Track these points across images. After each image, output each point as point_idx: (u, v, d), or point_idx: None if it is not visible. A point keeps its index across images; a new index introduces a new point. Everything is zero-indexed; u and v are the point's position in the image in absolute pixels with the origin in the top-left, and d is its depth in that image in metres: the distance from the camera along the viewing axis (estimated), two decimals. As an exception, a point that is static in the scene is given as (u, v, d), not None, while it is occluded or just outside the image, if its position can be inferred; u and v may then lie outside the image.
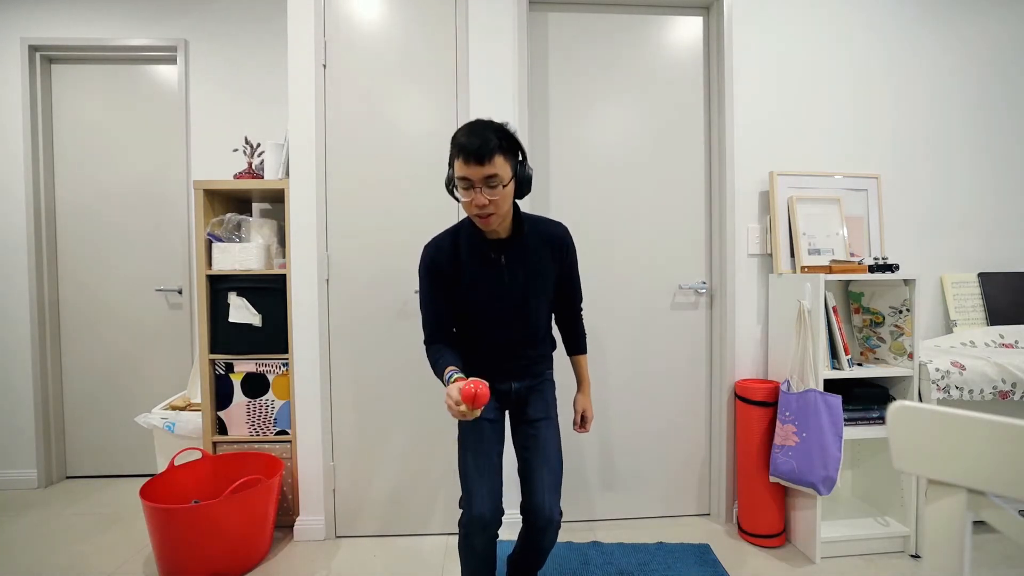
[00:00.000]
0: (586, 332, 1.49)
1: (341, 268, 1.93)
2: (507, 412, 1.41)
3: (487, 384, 1.07)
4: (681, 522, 2.06)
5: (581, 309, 1.47)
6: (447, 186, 1.24)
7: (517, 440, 1.38)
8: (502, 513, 1.25)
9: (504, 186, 1.16)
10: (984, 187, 2.19)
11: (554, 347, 1.44)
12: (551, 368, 1.44)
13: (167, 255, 2.49)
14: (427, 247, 1.31)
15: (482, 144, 1.11)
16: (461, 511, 1.27)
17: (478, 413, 1.09)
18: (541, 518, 1.23)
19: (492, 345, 1.33)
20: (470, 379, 1.09)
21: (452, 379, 1.14)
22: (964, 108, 2.17)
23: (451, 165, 1.19)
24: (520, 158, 1.22)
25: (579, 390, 1.47)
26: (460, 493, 1.30)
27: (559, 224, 1.36)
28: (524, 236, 1.28)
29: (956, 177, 2.17)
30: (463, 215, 1.54)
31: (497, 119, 1.20)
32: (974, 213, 2.18)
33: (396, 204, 1.93)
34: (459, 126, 1.90)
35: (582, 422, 1.45)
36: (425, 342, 1.32)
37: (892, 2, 2.11)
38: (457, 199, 1.21)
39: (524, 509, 1.28)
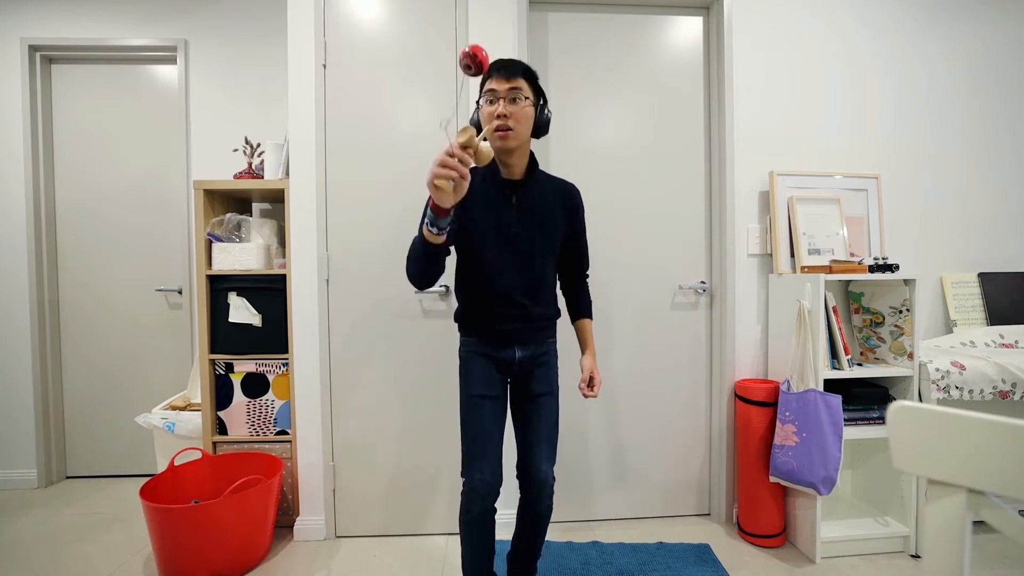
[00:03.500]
0: (591, 299, 1.51)
1: (341, 268, 1.93)
2: (508, 382, 1.40)
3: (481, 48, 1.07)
4: (681, 522, 2.06)
5: (587, 275, 1.51)
6: (475, 126, 1.29)
7: (518, 413, 1.39)
8: (501, 482, 1.30)
9: (526, 99, 1.24)
10: (984, 187, 2.19)
11: (558, 315, 1.43)
12: (554, 337, 1.44)
13: (167, 255, 2.49)
14: None
15: (510, 63, 1.25)
16: (463, 481, 1.30)
17: (488, 155, 1.02)
18: (536, 480, 1.32)
19: (496, 295, 1.31)
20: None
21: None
22: (963, 108, 2.17)
23: (477, 103, 1.29)
24: (541, 100, 1.31)
25: (584, 353, 1.46)
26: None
27: (571, 183, 1.42)
28: (537, 181, 1.34)
29: (956, 177, 2.17)
30: None
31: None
32: (974, 213, 2.18)
33: (396, 204, 1.93)
34: (459, 125, 1.91)
35: (590, 383, 1.40)
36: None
37: (891, 3, 2.11)
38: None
39: (521, 472, 1.36)
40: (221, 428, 1.99)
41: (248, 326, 1.97)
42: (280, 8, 2.05)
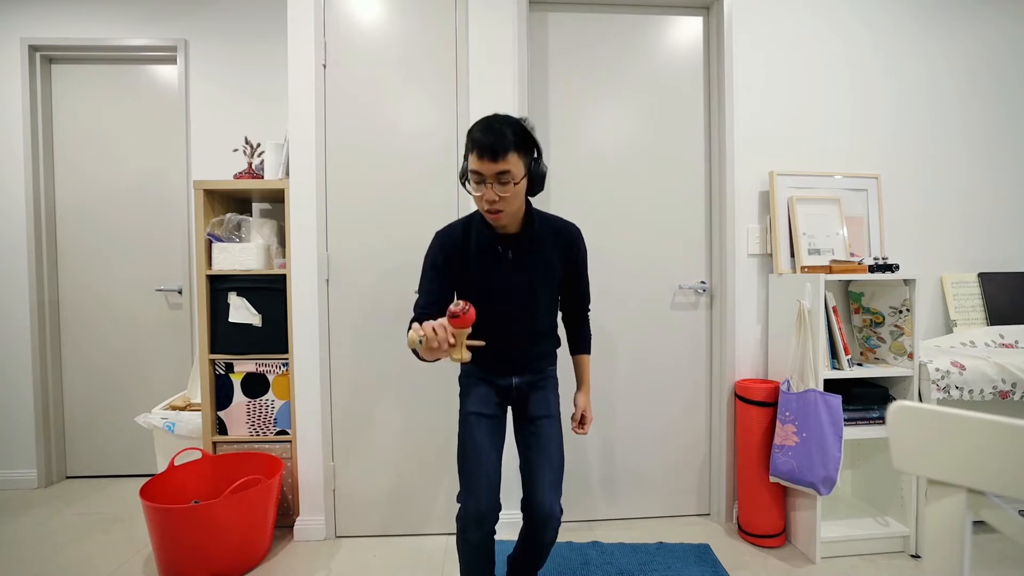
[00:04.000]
0: (591, 334, 1.49)
1: (341, 268, 1.93)
2: (509, 409, 1.41)
3: (472, 309, 1.03)
4: (681, 522, 2.06)
5: (588, 311, 1.48)
6: (460, 179, 1.25)
7: (519, 437, 1.38)
8: (499, 508, 1.26)
9: (516, 183, 1.15)
10: (984, 187, 2.19)
11: (558, 345, 1.43)
12: (554, 365, 1.44)
13: (167, 255, 2.49)
14: (438, 233, 1.32)
15: (496, 140, 1.11)
16: (459, 505, 1.28)
17: (464, 356, 1.05)
18: (541, 514, 1.24)
19: (494, 340, 1.30)
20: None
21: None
22: (964, 108, 2.17)
23: (466, 158, 1.19)
24: (535, 155, 1.22)
25: (579, 389, 1.46)
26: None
27: (571, 224, 1.37)
28: (534, 233, 1.29)
29: (956, 177, 2.17)
30: (466, 213, 1.54)
31: None
32: (974, 213, 2.18)
33: (396, 204, 1.93)
34: (459, 126, 1.92)
35: (581, 421, 1.41)
36: (412, 321, 1.24)
37: (891, 3, 2.11)
38: (469, 192, 1.22)
39: (525, 505, 1.29)
40: (221, 428, 1.99)
41: (248, 326, 1.97)
42: (280, 8, 2.05)
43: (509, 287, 1.28)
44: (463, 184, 1.24)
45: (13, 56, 2.37)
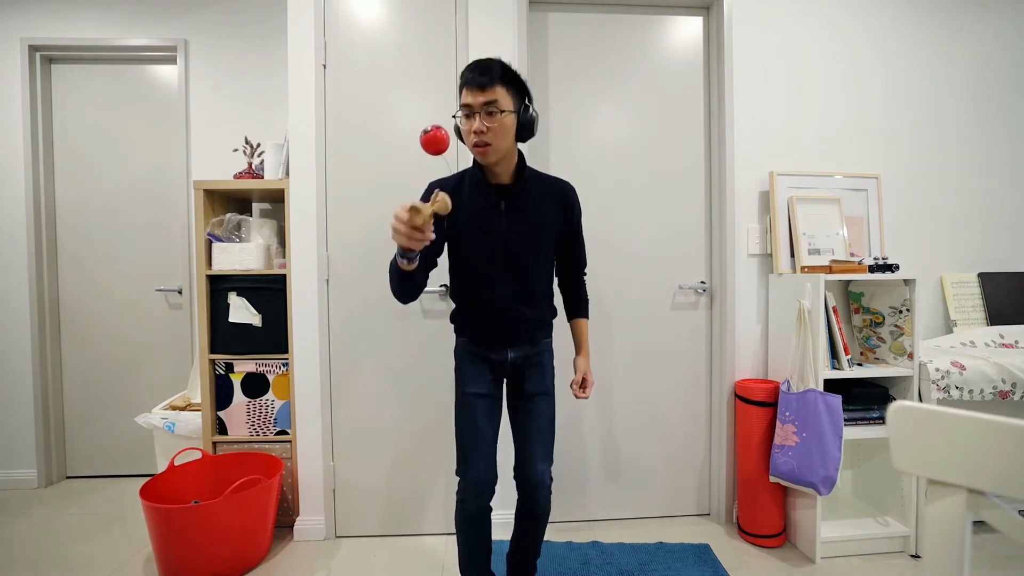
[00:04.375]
0: (588, 298, 1.50)
1: (341, 268, 1.93)
2: (503, 383, 1.40)
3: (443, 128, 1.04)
4: (681, 522, 2.06)
5: (585, 274, 1.48)
6: (455, 131, 1.26)
7: (514, 413, 1.39)
8: (495, 480, 1.31)
9: (503, 113, 1.17)
10: (984, 187, 2.19)
11: (554, 315, 1.42)
12: (550, 337, 1.43)
13: (167, 255, 2.49)
14: (432, 182, 1.33)
15: (483, 72, 1.16)
16: (458, 479, 1.31)
17: (445, 204, 1.05)
18: (533, 480, 1.32)
19: (488, 301, 1.30)
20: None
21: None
22: (963, 108, 2.17)
23: (460, 106, 1.21)
24: (525, 100, 1.24)
25: (579, 353, 1.45)
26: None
27: (565, 181, 1.37)
28: (527, 185, 1.29)
29: (956, 177, 2.17)
30: None
31: None
32: (974, 213, 2.18)
33: (396, 204, 1.93)
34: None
35: (582, 384, 1.40)
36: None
37: (890, 5, 2.11)
38: (461, 135, 1.24)
39: (517, 473, 1.35)
40: (221, 428, 1.99)
41: (248, 326, 1.97)
42: (280, 8, 2.05)
43: (502, 242, 1.27)
44: (459, 136, 1.25)
45: (13, 56, 2.37)
